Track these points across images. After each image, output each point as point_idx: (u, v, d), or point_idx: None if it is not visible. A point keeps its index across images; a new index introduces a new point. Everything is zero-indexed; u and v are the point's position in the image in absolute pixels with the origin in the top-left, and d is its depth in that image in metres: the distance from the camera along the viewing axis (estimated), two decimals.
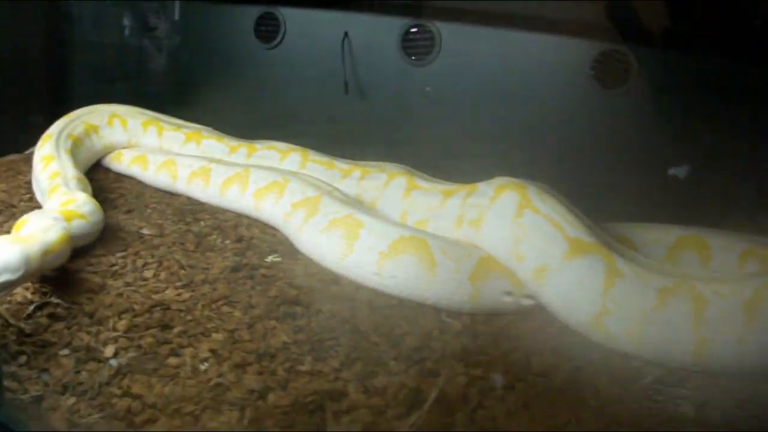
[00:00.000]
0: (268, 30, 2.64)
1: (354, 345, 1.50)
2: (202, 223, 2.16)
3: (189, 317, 1.54)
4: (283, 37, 2.59)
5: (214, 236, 2.07)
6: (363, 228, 1.84)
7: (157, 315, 1.53)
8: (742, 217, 1.84)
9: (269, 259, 1.96)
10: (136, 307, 1.54)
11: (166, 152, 2.51)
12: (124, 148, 2.58)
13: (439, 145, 2.28)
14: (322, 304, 1.67)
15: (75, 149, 2.36)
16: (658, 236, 1.94)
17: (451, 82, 2.28)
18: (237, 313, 1.59)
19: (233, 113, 2.68)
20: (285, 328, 1.53)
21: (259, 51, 2.65)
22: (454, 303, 1.73)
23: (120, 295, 1.59)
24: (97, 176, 2.47)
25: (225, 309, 1.61)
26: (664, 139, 1.99)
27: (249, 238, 2.07)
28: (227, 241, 2.04)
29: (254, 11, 2.63)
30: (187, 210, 2.27)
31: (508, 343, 1.61)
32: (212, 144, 2.54)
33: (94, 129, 2.50)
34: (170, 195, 2.40)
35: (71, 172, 2.17)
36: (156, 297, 1.61)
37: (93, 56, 2.83)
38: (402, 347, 1.51)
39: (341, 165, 2.31)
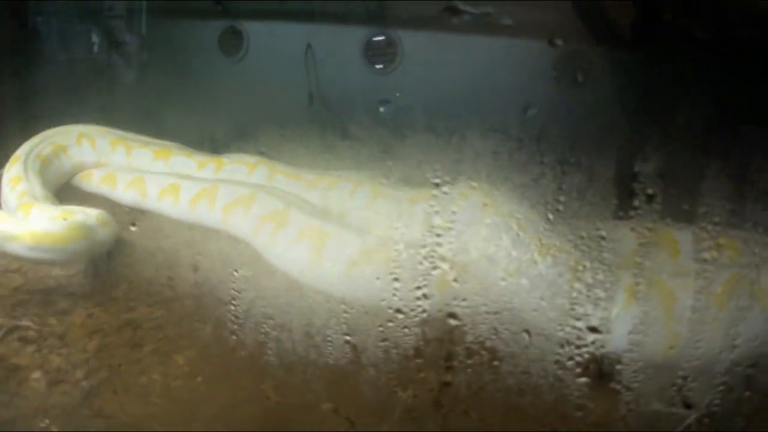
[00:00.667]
0: (232, 44, 2.67)
1: (314, 352, 1.54)
2: (173, 239, 2.18)
3: (160, 335, 1.56)
4: (247, 51, 2.63)
5: (183, 252, 2.09)
6: (330, 239, 1.88)
7: (127, 334, 1.55)
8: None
9: (238, 274, 1.99)
10: (106, 327, 1.56)
11: (135, 170, 2.52)
12: (94, 167, 2.58)
13: (406, 153, 2.32)
14: (287, 315, 1.70)
15: (44, 170, 2.36)
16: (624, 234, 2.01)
17: (415, 90, 2.34)
18: (208, 329, 1.62)
19: (201, 128, 2.70)
20: (249, 338, 1.56)
21: (224, 65, 2.68)
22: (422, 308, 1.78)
23: (90, 316, 1.61)
24: (66, 196, 2.47)
25: (195, 324, 1.64)
26: (630, 137, 2.06)
27: (218, 254, 2.10)
28: (197, 257, 2.07)
29: (218, 26, 2.66)
30: (155, 227, 2.28)
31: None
32: (181, 160, 2.55)
33: (63, 149, 2.50)
34: (140, 213, 2.41)
35: (40, 191, 2.18)
36: (126, 316, 1.64)
37: (61, 73, 2.83)
38: (364, 353, 1.56)
39: (308, 176, 2.35)
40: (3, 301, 1.66)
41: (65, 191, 2.54)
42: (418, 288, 1.80)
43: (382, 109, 2.46)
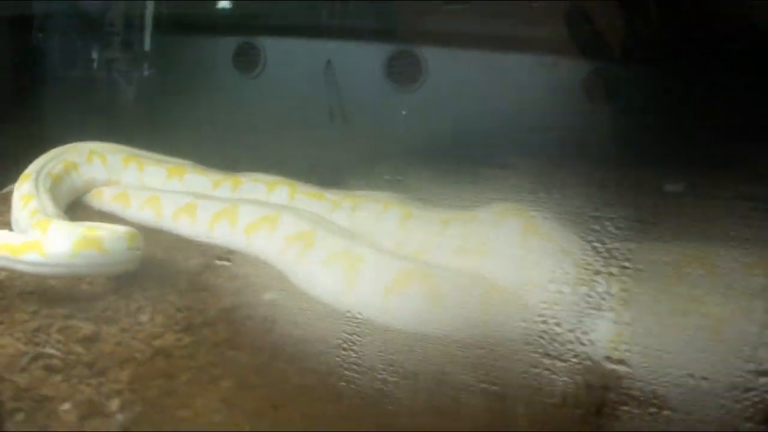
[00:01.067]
0: (247, 60, 2.61)
1: (362, 382, 1.47)
2: (192, 261, 2.10)
3: (192, 364, 1.47)
4: (264, 67, 2.57)
5: (207, 275, 2.01)
6: (363, 262, 1.81)
7: (160, 363, 1.46)
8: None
9: (266, 297, 1.91)
10: (137, 355, 1.47)
11: (149, 188, 2.44)
12: (104, 185, 2.49)
13: (429, 172, 2.27)
14: (326, 342, 1.63)
15: (55, 187, 2.27)
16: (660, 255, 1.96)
17: (438, 107, 2.29)
18: (243, 357, 1.53)
19: (214, 146, 2.63)
20: (293, 370, 1.48)
21: (239, 81, 2.62)
22: (462, 335, 1.71)
23: (119, 343, 1.52)
24: (78, 214, 2.37)
25: (228, 353, 1.55)
26: (658, 155, 2.03)
27: (243, 276, 2.02)
28: (220, 280, 1.98)
29: (232, 41, 2.60)
30: (173, 248, 2.20)
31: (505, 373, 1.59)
32: (195, 178, 2.47)
33: (74, 166, 2.41)
34: (155, 232, 2.32)
35: (52, 209, 2.09)
36: (156, 343, 1.54)
37: (64, 91, 2.75)
38: (420, 383, 1.49)
39: (331, 196, 2.28)
40: (23, 326, 1.57)
41: (76, 209, 2.45)
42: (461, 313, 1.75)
43: (404, 112, 2.39)
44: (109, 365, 1.43)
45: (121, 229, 1.85)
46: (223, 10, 2.45)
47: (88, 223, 1.92)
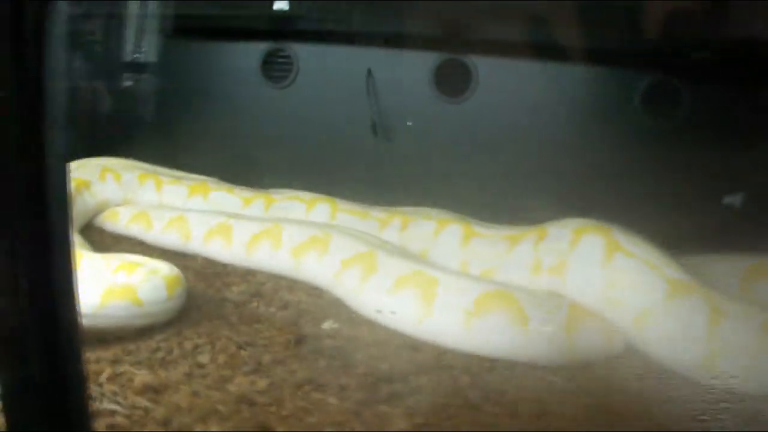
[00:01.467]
0: (277, 68, 2.42)
1: (474, 420, 1.33)
2: (235, 288, 1.91)
3: (283, 412, 1.30)
4: (296, 76, 2.38)
5: (255, 304, 1.82)
6: (439, 285, 1.67)
7: (246, 414, 1.28)
8: None
9: (326, 326, 1.74)
10: (219, 407, 1.28)
11: (171, 208, 2.23)
12: (119, 205, 2.27)
13: (480, 187, 2.14)
14: (417, 376, 1.47)
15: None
16: (727, 268, 1.89)
17: (489, 119, 2.16)
18: (332, 400, 1.36)
19: (236, 161, 2.43)
20: (398, 413, 1.32)
21: (268, 91, 2.42)
22: (549, 357, 1.60)
23: (195, 393, 1.32)
24: (92, 238, 2.15)
25: (315, 395, 1.38)
26: (717, 168, 1.96)
27: (295, 303, 1.84)
28: (272, 309, 1.80)
29: (261, 48, 2.40)
30: (210, 274, 2.00)
31: (624, 395, 1.50)
32: (222, 196, 2.28)
33: (86, 185, 2.18)
34: (182, 256, 2.11)
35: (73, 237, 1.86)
36: (231, 390, 1.36)
37: (66, 104, 2.50)
38: (522, 416, 1.36)
39: (377, 214, 2.13)
40: None
41: (89, 233, 2.22)
42: (547, 335, 1.63)
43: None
44: (188, 421, 1.24)
45: (160, 270, 1.62)
46: (250, 12, 2.25)
47: (122, 256, 1.70)
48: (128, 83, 2.52)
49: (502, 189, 2.11)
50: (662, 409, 1.43)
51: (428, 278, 1.69)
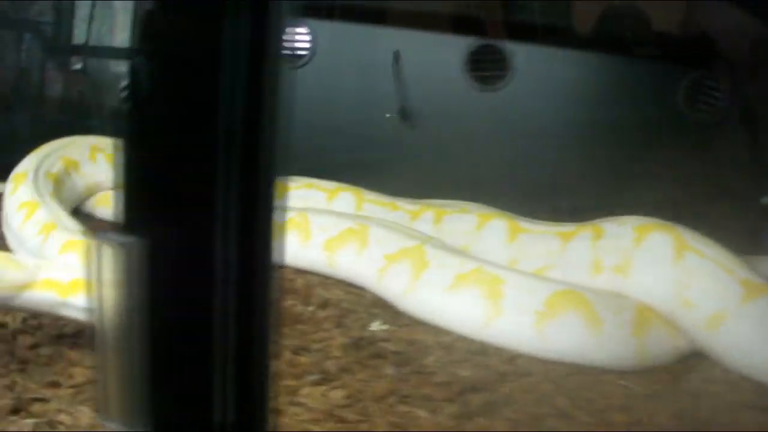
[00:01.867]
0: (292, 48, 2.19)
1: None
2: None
3: (378, 429, 1.12)
4: (312, 55, 2.17)
5: (291, 302, 1.62)
6: (505, 284, 1.53)
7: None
8: None
9: (374, 327, 1.57)
10: (312, 428, 1.08)
11: None
12: (111, 189, 1.98)
13: (513, 181, 2.02)
14: (501, 384, 1.34)
15: (57, 192, 1.75)
16: None
17: (525, 109, 2.04)
18: (422, 413, 1.19)
19: None
20: (499, 425, 1.18)
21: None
22: (621, 361, 1.50)
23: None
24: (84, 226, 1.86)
25: (402, 408, 1.21)
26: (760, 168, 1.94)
27: (336, 302, 1.65)
28: (310, 308, 1.61)
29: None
30: None
31: (707, 402, 1.42)
32: None
33: (74, 165, 1.88)
34: None
35: (71, 223, 1.61)
36: (310, 403, 1.16)
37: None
38: (617, 425, 1.26)
39: (407, 206, 1.96)
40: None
41: (78, 219, 1.92)
42: (620, 338, 1.54)
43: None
44: None
45: None
46: None
47: None
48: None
49: (537, 183, 2.01)
50: (749, 416, 1.36)
51: (491, 276, 1.55)
